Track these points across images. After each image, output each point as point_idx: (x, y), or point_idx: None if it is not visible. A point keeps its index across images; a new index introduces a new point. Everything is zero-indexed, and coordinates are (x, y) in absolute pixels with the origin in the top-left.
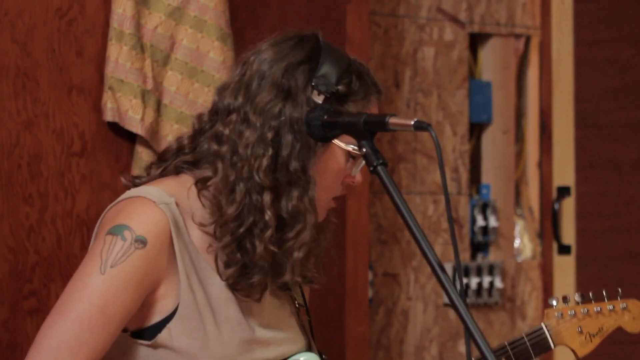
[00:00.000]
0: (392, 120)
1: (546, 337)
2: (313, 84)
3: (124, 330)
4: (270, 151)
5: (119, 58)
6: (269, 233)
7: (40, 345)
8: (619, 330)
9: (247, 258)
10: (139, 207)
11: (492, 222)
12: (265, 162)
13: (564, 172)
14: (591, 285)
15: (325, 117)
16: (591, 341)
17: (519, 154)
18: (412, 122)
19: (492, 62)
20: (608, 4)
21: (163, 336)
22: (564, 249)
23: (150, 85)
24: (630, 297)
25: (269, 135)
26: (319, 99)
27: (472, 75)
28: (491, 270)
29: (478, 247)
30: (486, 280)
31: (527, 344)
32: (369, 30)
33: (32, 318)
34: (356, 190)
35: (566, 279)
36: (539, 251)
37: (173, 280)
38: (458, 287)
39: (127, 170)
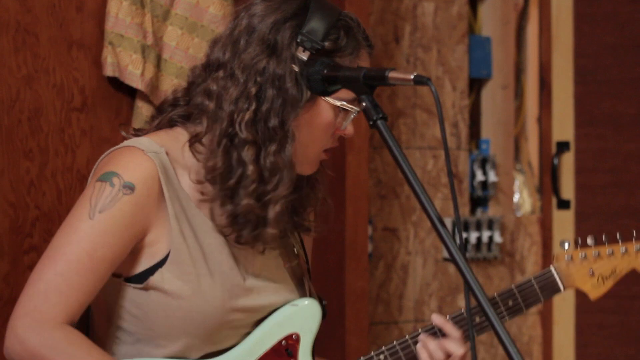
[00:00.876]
0: (392, 74)
1: (555, 280)
2: (298, 40)
3: (118, 276)
4: (254, 106)
5: (119, 13)
6: (252, 187)
7: (30, 288)
8: (619, 283)
9: (237, 209)
10: (128, 156)
11: (492, 177)
12: (247, 116)
13: (563, 128)
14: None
15: (325, 71)
16: (604, 284)
17: (519, 109)
18: (412, 77)
19: (491, 18)
20: None
21: (155, 279)
22: (563, 204)
23: (150, 40)
24: None
25: (253, 90)
26: (304, 56)
27: (471, 30)
28: (490, 225)
29: (477, 202)
30: (485, 234)
31: (535, 286)
32: None
33: None
34: (356, 145)
35: (565, 234)
36: (538, 206)
37: (164, 226)
38: (457, 241)
39: (127, 124)
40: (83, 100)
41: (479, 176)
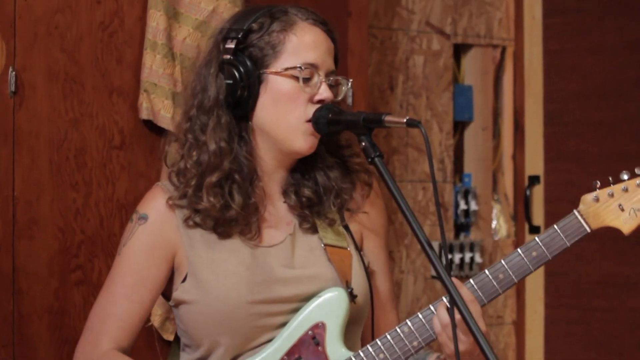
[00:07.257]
0: (388, 118)
1: (579, 222)
2: (226, 36)
3: (168, 300)
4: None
5: (153, 65)
6: (194, 182)
7: (85, 324)
8: (582, 296)
9: (199, 207)
10: (148, 193)
11: (473, 206)
12: (191, 112)
13: (535, 163)
14: (558, 260)
15: (330, 115)
16: (637, 216)
17: (496, 148)
18: (405, 120)
19: (473, 69)
20: (572, 18)
21: (177, 294)
22: (534, 229)
23: (179, 88)
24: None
25: (198, 96)
26: (232, 44)
27: (456, 80)
28: (472, 248)
29: (461, 228)
30: (467, 256)
31: (559, 232)
32: (368, 41)
33: (78, 288)
34: None
35: None
36: (513, 231)
37: (184, 247)
38: (444, 262)
39: (159, 161)
40: (122, 139)
41: (462, 205)
